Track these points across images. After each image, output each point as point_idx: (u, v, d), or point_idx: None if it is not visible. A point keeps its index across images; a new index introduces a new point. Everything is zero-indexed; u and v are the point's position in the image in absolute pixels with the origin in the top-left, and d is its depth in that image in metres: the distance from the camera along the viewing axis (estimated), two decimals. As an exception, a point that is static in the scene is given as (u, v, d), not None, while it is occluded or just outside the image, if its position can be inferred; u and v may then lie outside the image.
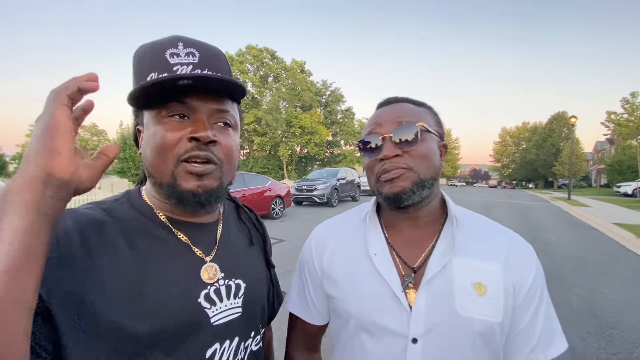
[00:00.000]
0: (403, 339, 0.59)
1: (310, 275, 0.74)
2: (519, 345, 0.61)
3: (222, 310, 0.56)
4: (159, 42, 0.54)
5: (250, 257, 0.67)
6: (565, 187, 41.35)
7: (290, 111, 40.25)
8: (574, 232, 7.85)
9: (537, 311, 0.61)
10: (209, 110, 0.53)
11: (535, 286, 0.62)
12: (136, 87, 0.48)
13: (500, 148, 64.48)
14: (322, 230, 0.77)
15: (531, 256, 0.64)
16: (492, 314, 0.58)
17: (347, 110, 48.62)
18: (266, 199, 9.12)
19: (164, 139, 0.51)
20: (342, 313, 0.66)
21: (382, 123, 0.64)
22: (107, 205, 0.56)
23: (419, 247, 0.65)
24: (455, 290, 0.59)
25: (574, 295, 3.69)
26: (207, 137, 0.51)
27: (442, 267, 0.60)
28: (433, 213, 0.67)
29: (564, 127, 45.33)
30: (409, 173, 0.61)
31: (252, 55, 41.85)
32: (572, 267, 4.86)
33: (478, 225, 0.68)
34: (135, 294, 0.48)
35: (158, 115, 0.52)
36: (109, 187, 22.52)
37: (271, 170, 40.21)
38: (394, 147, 0.61)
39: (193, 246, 0.57)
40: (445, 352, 0.58)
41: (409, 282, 0.61)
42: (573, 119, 18.89)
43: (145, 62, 0.53)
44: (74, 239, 0.47)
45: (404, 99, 0.69)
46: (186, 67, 0.52)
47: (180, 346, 0.50)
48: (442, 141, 0.69)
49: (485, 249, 0.63)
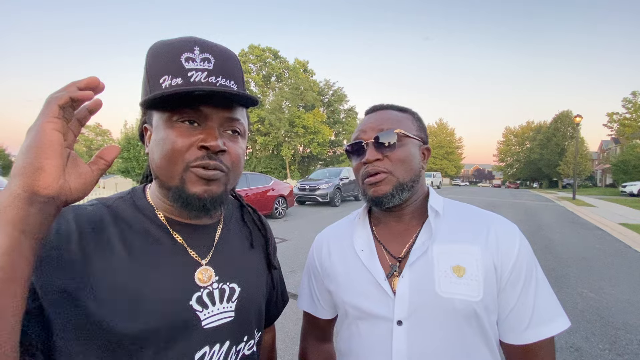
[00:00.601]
0: (389, 322, 0.64)
1: (315, 275, 0.82)
2: (512, 324, 0.64)
3: (214, 313, 0.56)
4: (176, 43, 0.53)
5: (248, 261, 0.67)
6: (569, 187, 41.07)
7: (293, 111, 40.29)
8: (579, 232, 7.79)
9: (525, 289, 0.63)
10: (220, 118, 0.53)
11: (519, 264, 0.63)
12: (150, 96, 0.48)
13: (504, 148, 64.15)
14: (321, 235, 0.86)
15: (512, 235, 0.66)
16: (472, 294, 0.61)
17: (350, 109, 48.60)
18: (269, 199, 9.14)
19: (174, 144, 0.51)
20: (340, 305, 0.74)
21: (366, 130, 0.71)
22: (111, 202, 0.56)
23: (404, 239, 0.71)
24: (435, 274, 0.63)
25: (579, 295, 3.67)
26: (218, 147, 0.51)
27: (422, 254, 0.65)
28: (417, 209, 0.73)
29: (569, 126, 45.04)
30: (389, 177, 0.67)
31: (255, 55, 41.95)
32: (577, 267, 4.83)
33: (461, 213, 0.72)
34: (127, 295, 0.49)
35: (169, 119, 0.52)
36: (113, 186, 22.68)
37: (274, 169, 40.30)
38: (375, 152, 0.68)
39: (189, 248, 0.57)
40: (428, 332, 0.62)
41: (394, 271, 0.68)
42: (578, 118, 18.72)
43: (159, 63, 0.52)
44: (72, 238, 0.48)
45: (389, 105, 0.76)
46: (201, 74, 0.52)
47: (169, 348, 0.51)
48: (424, 145, 0.74)
49: (465, 233, 0.67)
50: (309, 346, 0.87)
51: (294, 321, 2.93)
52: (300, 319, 0.90)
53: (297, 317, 2.97)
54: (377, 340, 0.66)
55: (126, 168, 15.64)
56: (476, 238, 0.66)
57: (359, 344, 0.69)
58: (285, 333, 2.72)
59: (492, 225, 0.68)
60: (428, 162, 0.77)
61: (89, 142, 55.44)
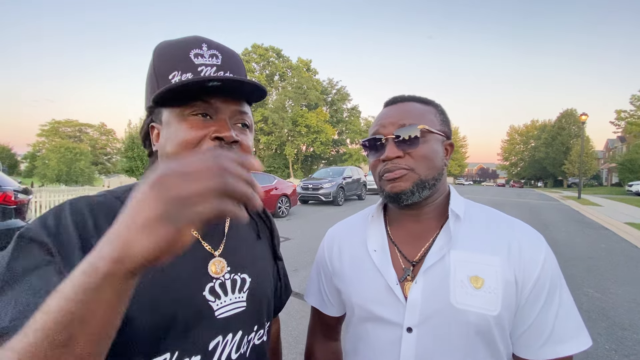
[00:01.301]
0: (398, 328, 0.62)
1: (324, 272, 0.80)
2: (529, 340, 0.60)
3: (226, 304, 0.57)
4: (182, 41, 0.54)
5: (256, 251, 0.68)
6: (575, 186, 40.72)
7: (296, 110, 40.29)
8: (585, 232, 7.72)
9: (547, 305, 0.59)
10: (231, 111, 0.54)
11: (543, 279, 0.59)
12: (163, 88, 0.48)
13: (508, 146, 63.73)
14: (333, 230, 0.83)
15: (538, 246, 0.62)
16: (489, 307, 0.57)
17: (353, 108, 48.52)
18: (272, 198, 9.14)
19: (187, 136, 0.51)
20: (348, 304, 0.71)
21: (385, 124, 0.66)
22: (119, 194, 0.56)
23: (420, 241, 0.67)
24: (450, 283, 0.60)
25: (585, 295, 3.63)
26: (231, 137, 0.52)
27: (439, 260, 0.61)
28: (437, 209, 0.69)
29: (574, 124, 44.62)
30: (410, 174, 0.63)
31: (258, 54, 41.97)
32: (582, 267, 4.78)
33: (484, 218, 0.67)
34: (148, 286, 0.49)
35: (181, 113, 0.52)
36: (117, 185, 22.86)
37: (277, 169, 40.35)
38: (396, 149, 0.63)
39: (202, 240, 0.58)
40: (439, 342, 0.59)
41: (407, 275, 0.64)
42: (584, 116, 18.55)
43: (167, 60, 0.53)
44: (90, 229, 0.48)
45: (410, 97, 0.70)
46: (210, 69, 0.53)
47: (186, 338, 0.51)
48: (447, 140, 0.69)
49: (487, 242, 0.62)
50: (315, 343, 0.85)
51: (298, 320, 2.92)
52: (304, 317, 0.90)
53: (300, 316, 2.97)
54: (384, 345, 0.64)
55: (130, 167, 15.70)
56: (498, 247, 0.61)
57: (365, 346, 0.67)
58: (289, 332, 2.72)
59: (516, 234, 0.63)
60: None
61: (93, 141, 55.79)
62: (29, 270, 0.41)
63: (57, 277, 0.42)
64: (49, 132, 51.61)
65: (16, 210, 3.76)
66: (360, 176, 14.51)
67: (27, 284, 0.40)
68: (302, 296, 1.04)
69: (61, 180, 35.54)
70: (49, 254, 0.43)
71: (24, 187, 4.12)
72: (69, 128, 54.04)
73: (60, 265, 0.43)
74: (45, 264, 0.43)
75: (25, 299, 0.39)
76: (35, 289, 0.40)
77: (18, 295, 0.39)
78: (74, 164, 36.50)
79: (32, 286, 0.40)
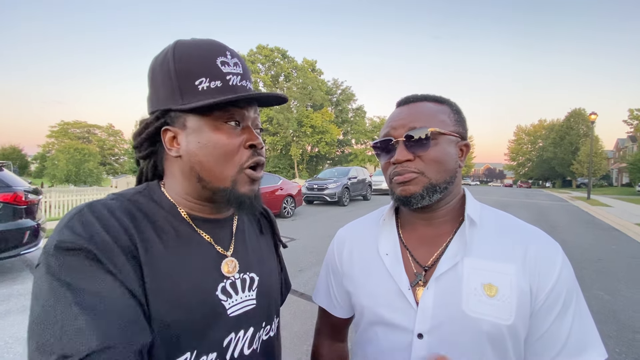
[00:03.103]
0: (409, 333, 0.61)
1: (334, 272, 0.79)
2: (541, 350, 0.58)
3: (237, 302, 0.59)
4: (204, 46, 0.54)
5: (262, 249, 0.70)
6: (584, 187, 40.11)
7: (302, 110, 40.34)
8: (594, 233, 7.60)
9: (561, 315, 0.57)
10: (251, 117, 0.58)
11: (559, 288, 0.57)
12: (222, 99, 0.51)
13: (515, 146, 63.05)
14: (343, 231, 0.82)
15: (554, 256, 0.60)
16: (502, 316, 0.56)
17: (359, 109, 48.41)
18: (278, 198, 9.17)
19: (227, 147, 0.54)
20: (358, 307, 0.71)
21: (396, 126, 0.64)
22: (130, 197, 0.56)
23: (433, 246, 0.66)
24: (463, 290, 0.59)
25: (594, 297, 3.58)
26: (261, 144, 0.57)
27: (452, 266, 0.60)
28: (450, 212, 0.67)
29: (583, 124, 43.95)
30: (420, 177, 0.62)
31: (263, 55, 42.11)
32: (592, 268, 4.70)
33: (499, 224, 0.65)
34: (169, 286, 0.51)
35: (215, 121, 0.54)
36: (125, 186, 23.15)
37: (282, 169, 40.44)
38: (406, 152, 0.62)
39: (214, 242, 0.60)
40: (450, 349, 0.58)
41: (419, 280, 0.63)
42: (593, 115, 18.25)
43: (192, 64, 0.52)
44: (121, 232, 0.48)
45: (423, 97, 0.68)
46: (236, 77, 0.55)
47: (202, 336, 0.53)
48: (462, 140, 0.67)
49: (501, 249, 0.61)
50: (322, 343, 0.84)
51: (302, 320, 2.92)
52: (309, 317, 0.89)
53: (305, 317, 2.97)
54: (394, 350, 0.63)
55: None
56: (513, 255, 0.60)
57: (374, 350, 0.66)
58: (294, 332, 2.72)
59: (532, 242, 0.61)
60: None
61: (101, 142, 56.50)
62: (86, 280, 0.42)
63: (111, 279, 0.44)
64: (58, 133, 52.42)
65: (26, 210, 3.82)
66: (365, 176, 14.47)
67: (92, 296, 0.41)
68: (307, 296, 1.04)
69: (70, 180, 36.05)
70: (95, 260, 0.44)
71: (34, 188, 4.19)
72: (78, 129, 54.81)
73: (109, 267, 0.44)
74: (96, 270, 0.43)
75: (99, 312, 0.40)
76: (102, 297, 0.42)
77: (90, 312, 0.40)
78: (83, 165, 36.98)
79: (99, 296, 0.42)
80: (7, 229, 3.58)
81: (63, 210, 10.06)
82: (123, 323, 0.42)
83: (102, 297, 0.42)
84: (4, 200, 3.58)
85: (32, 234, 3.82)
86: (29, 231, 3.78)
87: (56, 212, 9.87)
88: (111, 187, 25.70)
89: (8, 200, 3.61)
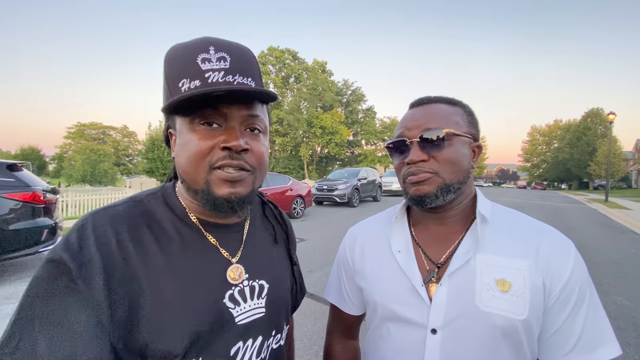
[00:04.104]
0: (422, 329, 0.62)
1: (345, 270, 0.80)
2: (555, 346, 0.59)
3: (245, 310, 0.58)
4: (190, 45, 0.52)
5: (274, 257, 0.68)
6: (601, 189, 38.93)
7: (311, 111, 40.43)
8: (612, 236, 7.37)
9: (575, 311, 0.58)
10: (240, 116, 0.53)
11: (572, 284, 0.58)
12: (170, 101, 0.49)
13: (529, 147, 61.66)
14: (354, 229, 0.83)
15: (567, 251, 0.60)
16: (515, 311, 0.57)
17: (369, 109, 48.25)
18: (287, 199, 9.21)
19: (197, 147, 0.51)
20: (370, 303, 0.72)
21: (410, 127, 0.65)
22: (141, 198, 0.58)
23: (445, 244, 0.67)
24: (476, 285, 0.59)
25: (613, 303, 3.47)
26: (239, 146, 0.51)
27: (465, 262, 0.61)
28: (462, 211, 0.68)
29: (600, 124, 42.72)
30: (435, 178, 0.62)
31: (274, 57, 42.40)
32: (610, 273, 4.56)
33: (511, 221, 0.66)
34: (172, 296, 0.50)
35: (191, 123, 0.52)
36: (138, 186, 23.62)
37: (292, 170, 40.58)
38: (420, 152, 0.63)
39: (221, 248, 0.59)
40: (464, 344, 0.59)
41: (432, 277, 0.64)
42: (611, 115, 17.72)
43: (176, 68, 0.52)
44: (114, 250, 0.49)
45: (436, 98, 0.69)
46: (218, 74, 0.51)
47: (208, 345, 0.52)
48: (475, 142, 0.68)
49: (513, 245, 0.62)
50: (334, 341, 0.85)
51: (312, 320, 2.93)
52: (319, 318, 0.89)
53: (315, 317, 2.98)
54: (407, 346, 0.63)
55: (150, 168, 16.22)
56: (525, 251, 0.60)
57: (387, 346, 0.67)
58: (304, 333, 2.72)
59: (545, 238, 0.62)
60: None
61: (116, 143, 57.87)
62: (46, 298, 0.44)
63: (78, 307, 0.44)
64: (75, 134, 53.95)
65: (45, 209, 3.93)
66: (375, 177, 14.39)
67: (54, 324, 0.42)
68: (317, 297, 1.03)
69: (86, 180, 37.00)
70: (70, 280, 0.45)
71: (52, 187, 4.32)
72: (94, 130, 56.30)
73: (82, 288, 0.45)
74: (64, 290, 0.44)
75: (54, 339, 0.42)
76: (61, 325, 0.43)
77: (25, 328, 0.42)
78: (98, 165, 37.95)
79: (59, 324, 0.43)
80: (26, 227, 3.70)
81: (79, 209, 10.34)
82: (72, 356, 0.42)
83: (63, 323, 0.43)
84: (23, 200, 3.70)
85: (49, 232, 3.93)
86: (47, 229, 3.89)
87: (73, 212, 10.15)
88: (125, 186, 26.23)
89: (27, 200, 3.72)
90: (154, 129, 17.38)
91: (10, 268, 4.27)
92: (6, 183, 3.67)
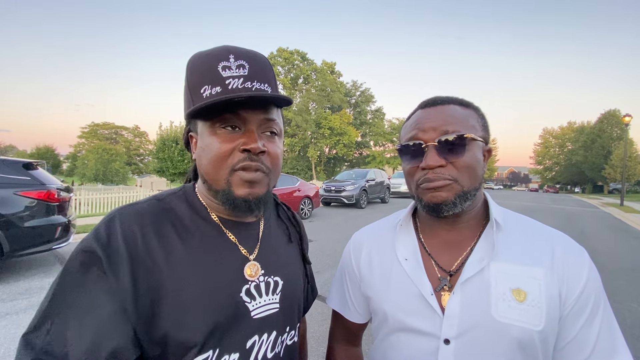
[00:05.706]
0: (435, 339, 0.59)
1: (350, 277, 0.77)
2: (569, 356, 0.57)
3: (261, 305, 0.60)
4: (211, 53, 0.56)
5: (288, 255, 0.71)
6: (616, 192, 38.01)
7: (320, 112, 40.50)
8: (628, 242, 7.17)
9: (590, 320, 0.57)
10: (258, 120, 0.56)
11: (587, 293, 0.57)
12: (196, 106, 0.52)
13: (542, 149, 60.47)
14: (360, 234, 0.80)
15: (581, 260, 0.59)
16: (532, 322, 0.55)
17: (377, 110, 48.07)
18: (295, 199, 9.23)
19: (219, 150, 0.55)
20: (380, 313, 0.69)
21: (426, 129, 0.61)
22: (164, 197, 0.62)
23: (456, 250, 0.64)
24: (491, 295, 0.57)
25: (628, 311, 3.36)
26: (258, 148, 0.55)
27: (479, 271, 0.59)
28: (473, 217, 0.66)
29: (616, 127, 41.70)
30: (453, 185, 0.59)
31: (283, 58, 42.62)
32: (625, 279, 4.44)
33: (523, 228, 0.64)
34: (188, 287, 0.53)
35: (212, 127, 0.55)
36: (148, 185, 24.02)
37: (300, 170, 40.70)
38: (438, 157, 0.59)
39: (239, 245, 0.62)
40: (478, 355, 0.57)
41: (444, 285, 0.61)
42: (627, 117, 17.29)
43: (198, 74, 0.56)
44: (139, 242, 0.53)
45: (450, 99, 0.65)
46: (237, 80, 0.54)
47: (225, 336, 0.55)
48: (486, 146, 0.65)
49: (528, 254, 0.60)
50: (336, 347, 0.83)
51: (319, 322, 2.92)
52: (326, 320, 0.89)
53: (322, 318, 2.97)
54: (419, 357, 0.61)
55: (161, 168, 16.45)
56: (540, 260, 0.59)
57: (397, 356, 0.65)
58: (310, 334, 2.72)
59: (558, 245, 0.60)
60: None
61: (128, 142, 58.91)
62: (78, 286, 0.48)
63: (105, 292, 0.48)
64: (88, 134, 55.15)
65: (59, 207, 4.03)
66: (383, 179, 14.31)
67: (84, 308, 0.47)
68: (324, 299, 1.03)
69: (98, 179, 37.77)
70: (100, 269, 0.48)
71: (65, 186, 4.41)
72: (106, 130, 57.45)
73: (110, 278, 0.48)
74: (95, 279, 0.48)
75: (84, 324, 0.46)
76: (92, 309, 0.47)
77: (59, 316, 0.46)
78: (110, 164, 38.71)
79: (90, 308, 0.47)
80: (41, 224, 3.79)
81: (92, 208, 10.55)
82: (98, 340, 0.45)
83: (92, 309, 0.47)
84: (38, 197, 3.79)
85: (63, 230, 4.02)
86: (61, 227, 3.98)
87: (85, 210, 10.36)
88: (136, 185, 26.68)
89: (42, 198, 3.82)
90: (164, 129, 17.64)
91: (25, 264, 4.38)
92: (22, 181, 3.77)
